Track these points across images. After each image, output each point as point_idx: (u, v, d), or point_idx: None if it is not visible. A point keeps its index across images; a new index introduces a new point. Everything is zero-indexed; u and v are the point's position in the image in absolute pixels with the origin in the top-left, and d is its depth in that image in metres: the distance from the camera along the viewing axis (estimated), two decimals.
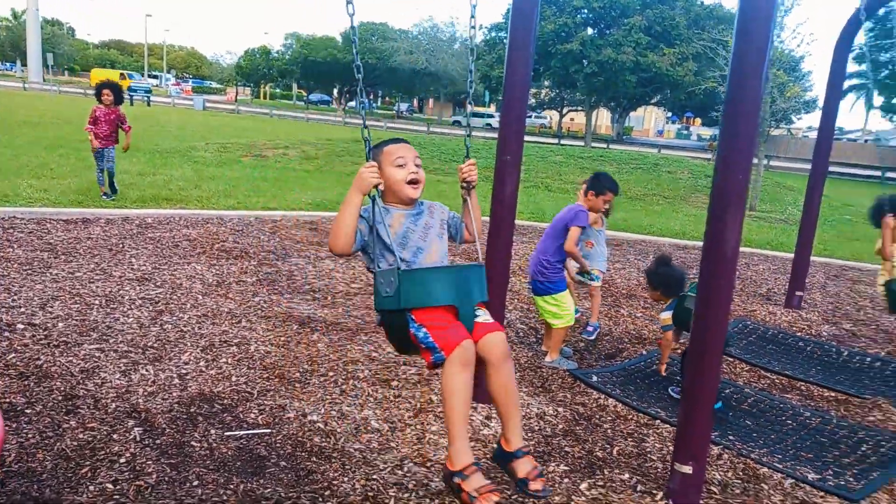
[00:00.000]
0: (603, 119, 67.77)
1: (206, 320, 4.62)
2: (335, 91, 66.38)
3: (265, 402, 3.52)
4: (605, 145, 36.93)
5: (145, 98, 43.60)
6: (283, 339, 4.42)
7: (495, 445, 2.66)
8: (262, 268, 6.09)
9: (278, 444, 3.12)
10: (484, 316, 2.55)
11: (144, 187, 9.75)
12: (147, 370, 3.74)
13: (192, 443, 3.05)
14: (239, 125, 30.34)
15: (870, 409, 4.26)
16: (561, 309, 4.48)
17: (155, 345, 4.11)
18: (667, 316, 4.15)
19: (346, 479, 2.88)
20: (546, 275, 4.50)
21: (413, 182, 2.61)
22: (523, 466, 2.48)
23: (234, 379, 3.75)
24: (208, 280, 5.55)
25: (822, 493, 3.09)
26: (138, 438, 3.03)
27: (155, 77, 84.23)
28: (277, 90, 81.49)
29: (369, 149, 2.59)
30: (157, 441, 3.03)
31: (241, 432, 3.20)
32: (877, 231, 5.34)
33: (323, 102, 75.10)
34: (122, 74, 60.14)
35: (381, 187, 2.54)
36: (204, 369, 3.84)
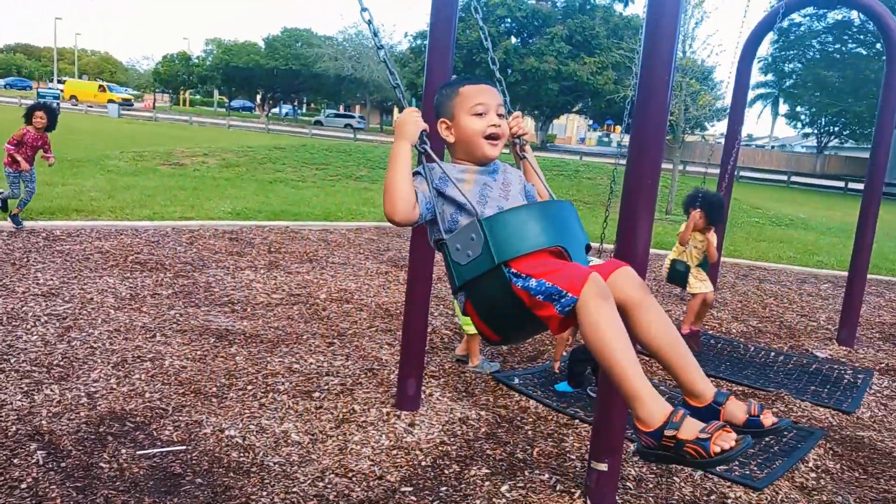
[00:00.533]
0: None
1: (118, 335, 4.44)
2: (258, 97, 65.09)
3: (180, 418, 3.41)
4: None
5: (55, 104, 41.58)
6: (199, 352, 4.29)
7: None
8: (178, 280, 5.90)
9: (194, 461, 3.03)
10: (596, 260, 2.01)
11: (52, 198, 9.28)
12: (52, 390, 3.56)
13: (101, 464, 2.92)
14: (156, 132, 29.32)
15: (773, 401, 4.50)
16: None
17: (61, 363, 3.92)
18: None
19: (264, 493, 2.83)
20: None
21: (493, 137, 2.11)
22: (738, 409, 1.82)
23: (147, 395, 3.62)
24: (121, 294, 5.33)
25: (728, 483, 3.24)
26: (41, 462, 2.88)
27: (65, 83, 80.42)
28: (198, 97, 79.26)
29: (401, 94, 2.23)
30: (63, 464, 2.89)
31: (155, 451, 3.08)
32: (683, 218, 5.81)
33: (245, 109, 73.50)
34: (101, 86, 56.99)
35: (425, 134, 2.09)
36: (115, 387, 3.68)
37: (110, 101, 49.06)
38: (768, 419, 1.81)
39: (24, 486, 2.71)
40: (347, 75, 50.14)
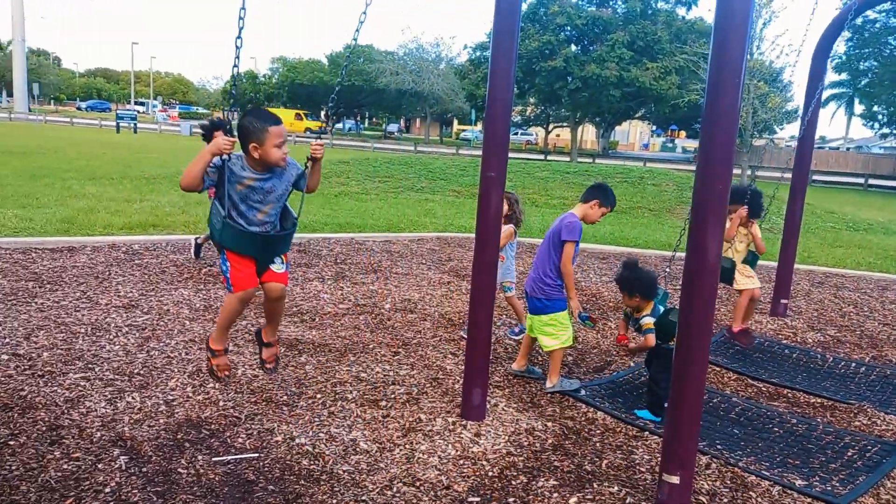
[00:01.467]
0: (588, 134, 68.26)
1: (194, 346, 4.60)
2: (322, 113, 66.59)
3: (253, 426, 3.51)
4: (590, 160, 37.20)
5: (132, 125, 43.62)
6: None
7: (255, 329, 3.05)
8: None
9: (266, 469, 3.11)
10: (279, 264, 3.33)
11: (131, 214, 9.73)
12: (133, 398, 3.72)
13: (179, 470, 3.03)
14: None
15: (855, 414, 4.29)
16: (558, 329, 4.28)
17: (141, 372, 4.09)
18: (649, 321, 4.14)
19: (334, 501, 2.88)
20: (546, 292, 4.27)
21: (283, 159, 3.21)
22: (268, 351, 3.64)
23: (221, 404, 3.74)
24: (195, 305, 5.54)
25: (808, 499, 3.11)
26: (124, 467, 3.01)
27: (142, 104, 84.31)
28: None
29: (229, 128, 3.20)
30: (143, 469, 3.01)
31: (229, 457, 3.18)
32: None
33: None
34: (298, 114, 55.91)
35: (231, 155, 3.10)
36: (191, 395, 3.82)
37: (307, 129, 50.73)
38: (270, 365, 3.75)
39: (107, 489, 2.83)
40: (408, 89, 50.78)
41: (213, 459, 3.14)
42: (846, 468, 3.44)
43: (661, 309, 4.12)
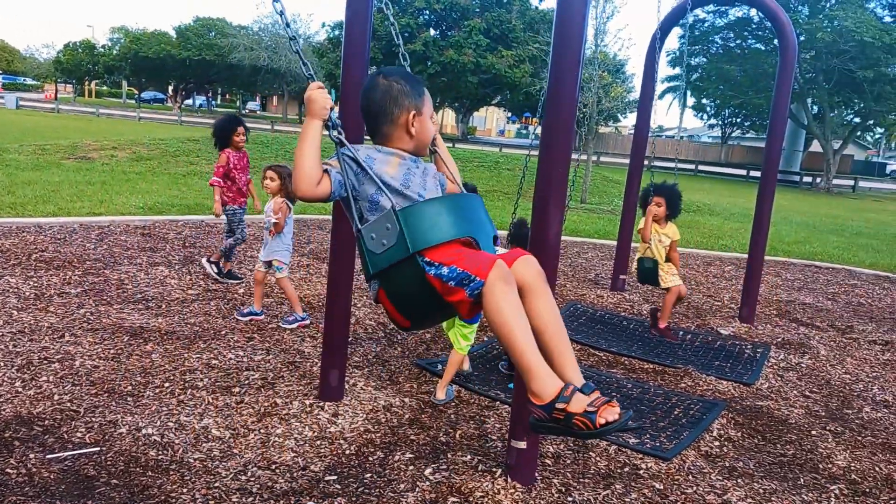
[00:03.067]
0: (448, 119, 69.37)
1: (23, 337, 4.23)
2: (170, 88, 62.65)
3: (93, 419, 3.30)
4: (450, 144, 37.87)
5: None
6: (112, 351, 4.15)
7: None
8: (87, 277, 5.66)
9: (109, 462, 2.94)
10: (502, 249, 2.22)
11: None
12: None
13: (8, 470, 2.80)
14: (60, 125, 27.82)
15: (681, 377, 4.76)
16: (472, 335, 4.09)
17: None
18: None
19: (185, 489, 2.78)
20: None
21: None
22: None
23: (56, 398, 3.48)
24: (25, 293, 5.07)
25: (640, 455, 3.42)
26: None
27: None
28: (105, 88, 75.51)
29: (310, 74, 2.29)
30: None
31: (66, 453, 2.98)
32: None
33: (157, 101, 70.68)
34: None
35: (335, 113, 2.19)
36: (21, 390, 3.52)
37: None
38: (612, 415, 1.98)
39: None
40: (264, 66, 48.95)
41: (48, 457, 2.93)
42: (673, 425, 3.81)
43: None
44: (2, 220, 7.41)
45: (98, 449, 3.03)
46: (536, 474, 3.12)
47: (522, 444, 3.02)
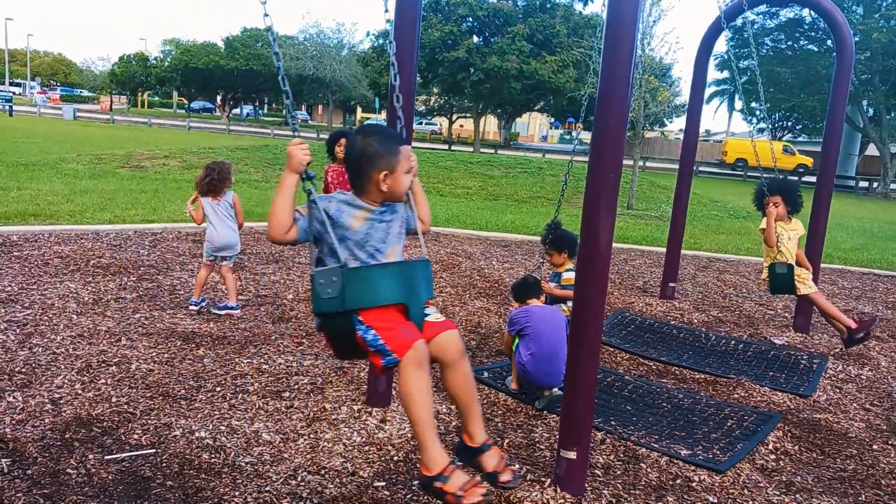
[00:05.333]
0: (490, 125, 69.31)
1: (82, 340, 4.37)
2: (218, 98, 64.18)
3: (149, 421, 3.38)
4: (493, 150, 37.83)
5: (6, 107, 40.42)
6: (166, 355, 4.25)
7: (456, 441, 2.64)
8: (142, 283, 5.82)
9: (164, 464, 3.01)
10: (434, 314, 2.45)
11: (8, 203, 9.06)
12: (14, 397, 3.49)
13: (68, 470, 2.89)
14: (114, 135, 28.73)
15: (734, 387, 4.63)
16: None
17: (23, 370, 3.84)
18: (571, 276, 4.44)
19: (237, 493, 2.83)
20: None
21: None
22: (491, 459, 2.51)
23: (114, 400, 3.58)
24: (83, 298, 5.24)
25: (692, 468, 3.34)
26: (6, 470, 2.83)
27: (17, 85, 78.21)
28: (156, 98, 77.79)
29: (294, 128, 2.56)
30: (28, 471, 2.85)
31: (123, 455, 3.06)
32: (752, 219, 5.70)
33: (206, 110, 72.45)
34: (786, 147, 39.86)
35: (310, 171, 2.39)
36: (80, 392, 3.63)
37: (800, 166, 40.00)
38: (504, 476, 2.47)
39: None
40: (309, 75, 49.73)
41: (106, 458, 3.01)
42: (726, 437, 3.71)
43: None
44: (62, 228, 7.68)
45: (154, 451, 3.11)
46: (586, 485, 3.07)
47: (572, 455, 2.98)
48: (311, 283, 2.32)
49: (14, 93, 57.46)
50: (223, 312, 5.18)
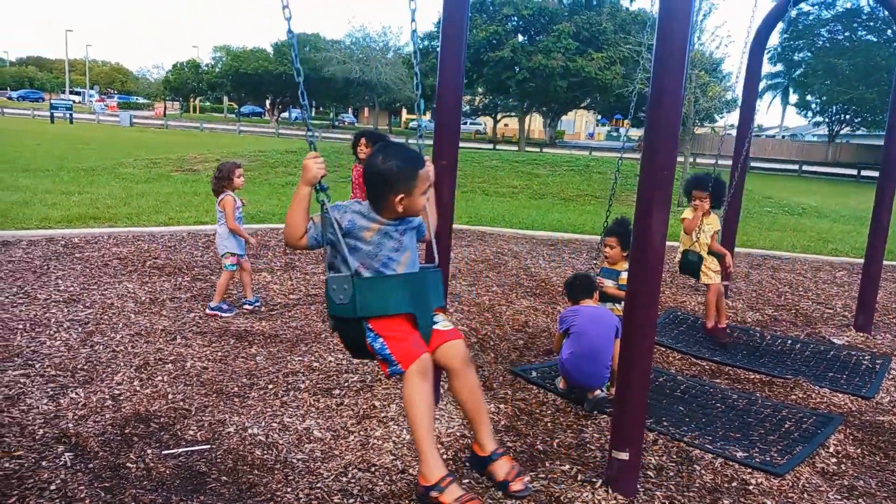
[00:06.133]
0: (536, 124, 68.89)
1: (140, 339, 4.50)
2: (267, 102, 65.40)
3: (204, 418, 3.46)
4: (538, 149, 37.58)
5: (67, 115, 42.02)
6: (220, 353, 4.35)
7: (468, 453, 2.69)
8: (196, 283, 5.97)
9: (219, 460, 3.07)
10: (443, 322, 2.53)
11: (70, 206, 9.41)
12: (77, 393, 3.62)
13: (128, 464, 2.97)
14: (168, 140, 29.57)
15: (791, 388, 4.49)
16: None
17: (85, 367, 3.98)
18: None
19: (289, 489, 2.87)
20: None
21: None
22: (501, 468, 2.53)
23: (170, 397, 3.67)
24: (140, 298, 5.40)
25: (749, 470, 3.25)
26: (69, 464, 2.94)
27: (77, 94, 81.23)
28: (207, 104, 79.74)
29: (311, 141, 2.66)
30: (90, 465, 2.94)
31: (180, 450, 3.13)
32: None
33: (255, 114, 73.92)
34: None
35: (322, 178, 2.55)
36: (138, 389, 3.74)
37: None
38: (516, 485, 2.49)
39: (53, 487, 2.76)
40: (355, 78, 50.23)
41: (163, 453, 3.09)
42: (784, 439, 3.60)
43: None
44: (120, 230, 7.93)
45: (209, 447, 3.18)
46: (638, 486, 3.02)
47: (624, 455, 2.93)
48: (325, 287, 2.45)
49: (74, 101, 59.65)
50: (210, 313, 5.17)
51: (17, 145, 20.27)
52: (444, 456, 3.23)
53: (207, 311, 5.17)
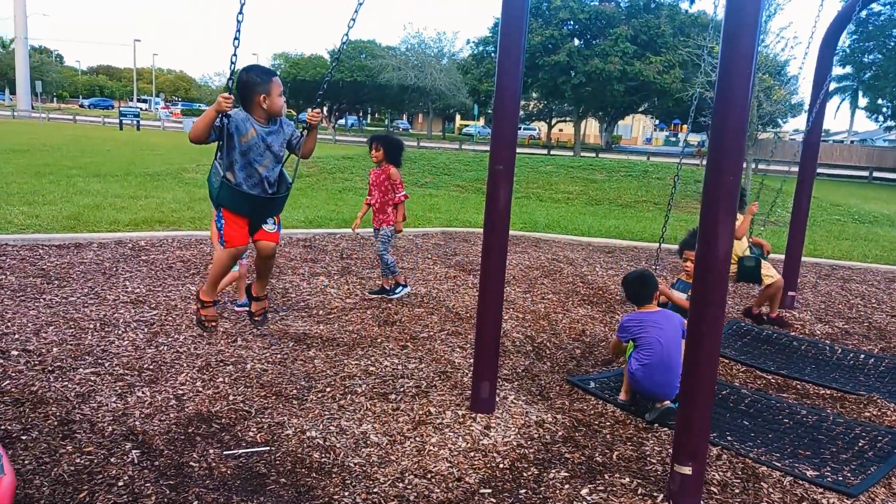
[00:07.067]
0: (591, 129, 68.12)
1: (202, 340, 4.61)
2: (325, 109, 66.57)
3: (263, 419, 3.52)
4: (594, 154, 37.12)
5: (134, 122, 43.67)
6: (279, 356, 4.42)
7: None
8: None
9: (278, 462, 3.11)
10: (271, 224, 3.58)
11: (136, 210, 9.75)
12: (143, 392, 3.73)
13: (191, 463, 3.04)
14: None
15: (865, 405, 4.29)
16: None
17: (151, 367, 4.10)
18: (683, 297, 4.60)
19: (346, 493, 2.88)
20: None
21: (283, 108, 3.52)
22: (258, 305, 3.93)
23: (231, 398, 3.75)
24: None
25: (820, 490, 3.11)
26: (136, 461, 3.02)
27: (144, 101, 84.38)
28: None
29: (232, 83, 3.32)
30: (156, 463, 3.02)
31: (240, 451, 3.19)
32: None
33: None
34: None
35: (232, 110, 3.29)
36: (201, 389, 3.83)
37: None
38: (258, 317, 4.00)
39: (120, 483, 2.84)
40: (410, 85, 50.66)
41: (225, 453, 3.15)
42: (857, 458, 3.44)
43: None
44: (184, 234, 8.17)
45: (268, 448, 3.22)
46: (701, 502, 2.92)
47: (687, 470, 2.84)
48: (209, 171, 3.46)
49: (141, 108, 61.95)
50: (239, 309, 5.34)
51: (90, 151, 21.16)
52: (501, 465, 3.19)
53: (235, 308, 5.41)
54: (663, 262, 8.06)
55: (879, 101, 45.32)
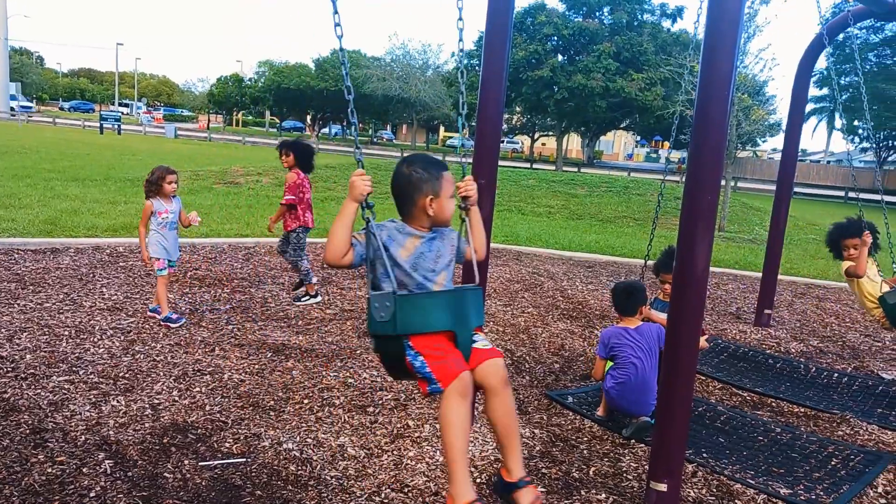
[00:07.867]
0: (573, 143, 68.66)
1: (179, 349, 4.57)
2: (308, 118, 66.48)
3: (240, 430, 3.48)
4: (575, 169, 37.40)
5: (116, 126, 43.26)
6: (257, 366, 4.38)
7: (494, 477, 2.63)
8: (235, 295, 6.05)
9: (254, 474, 3.09)
10: (482, 341, 2.49)
11: (115, 216, 9.64)
12: (118, 401, 3.68)
13: (165, 474, 3.00)
14: (211, 152, 30.19)
15: (838, 423, 4.35)
16: None
17: (126, 375, 4.05)
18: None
19: None
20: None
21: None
22: (526, 497, 2.44)
23: (207, 408, 3.71)
24: (181, 308, 5.49)
25: None
26: (109, 471, 2.98)
27: (125, 105, 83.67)
28: (250, 117, 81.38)
29: (359, 158, 2.68)
30: (129, 473, 2.98)
31: (216, 462, 3.16)
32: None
33: (296, 129, 75.13)
34: None
35: (369, 199, 2.53)
36: (177, 399, 3.79)
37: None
38: None
39: (92, 494, 2.80)
40: (395, 95, 50.74)
41: (200, 464, 3.12)
42: (830, 477, 3.48)
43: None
44: None
45: (244, 460, 3.19)
46: None
47: (662, 487, 2.86)
48: (367, 305, 2.45)
49: (122, 113, 61.41)
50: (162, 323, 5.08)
51: (69, 155, 20.92)
52: (477, 480, 3.19)
53: (161, 321, 5.06)
54: (647, 281, 8.12)
55: (855, 123, 46.20)
